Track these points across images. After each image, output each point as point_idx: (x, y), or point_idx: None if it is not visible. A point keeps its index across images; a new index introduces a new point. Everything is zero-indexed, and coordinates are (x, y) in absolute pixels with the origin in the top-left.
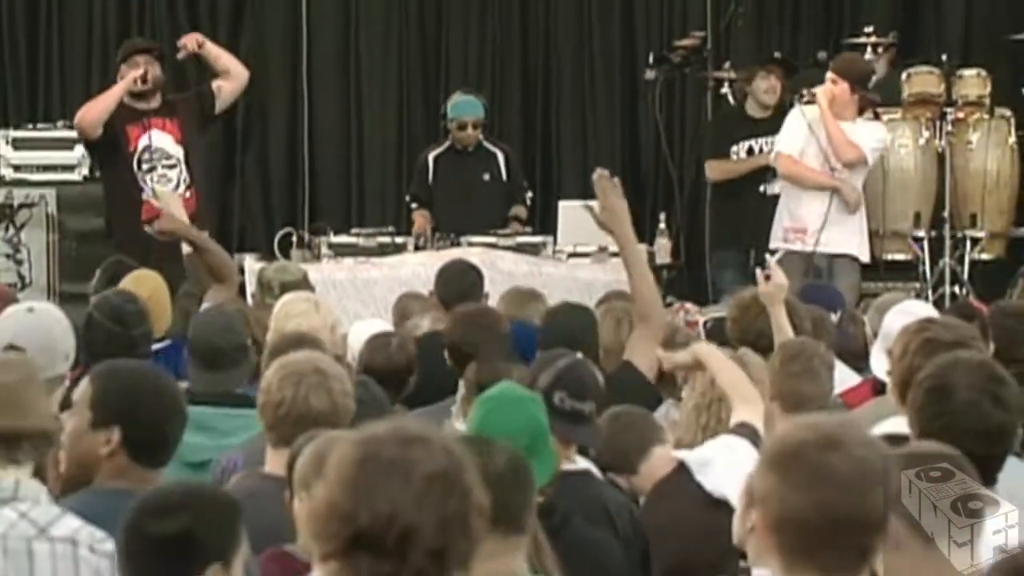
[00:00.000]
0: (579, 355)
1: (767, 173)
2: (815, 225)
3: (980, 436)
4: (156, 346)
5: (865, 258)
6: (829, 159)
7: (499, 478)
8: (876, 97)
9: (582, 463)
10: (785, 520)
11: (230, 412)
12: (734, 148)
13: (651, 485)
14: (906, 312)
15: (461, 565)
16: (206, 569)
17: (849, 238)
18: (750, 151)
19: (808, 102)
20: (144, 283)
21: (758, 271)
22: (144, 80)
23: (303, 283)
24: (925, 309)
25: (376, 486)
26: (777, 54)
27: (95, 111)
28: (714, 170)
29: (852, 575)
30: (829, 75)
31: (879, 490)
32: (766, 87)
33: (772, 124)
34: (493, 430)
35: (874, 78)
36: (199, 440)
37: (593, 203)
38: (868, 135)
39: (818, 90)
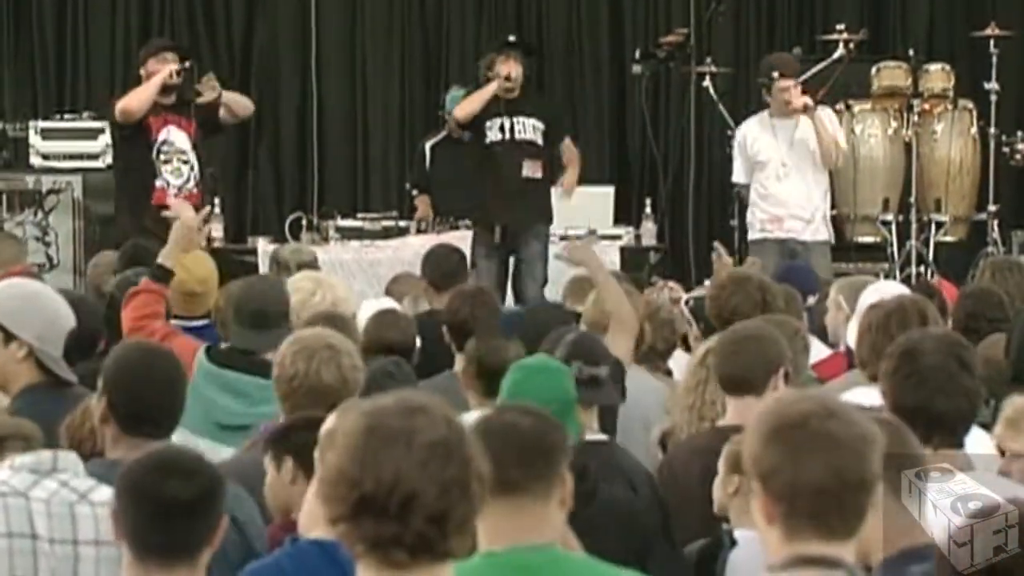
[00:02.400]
0: (583, 327)
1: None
2: (791, 211)
3: (948, 395)
4: (194, 324)
5: (831, 239)
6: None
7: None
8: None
9: (600, 435)
10: (799, 487)
11: (262, 381)
12: (488, 123)
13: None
14: (880, 291)
15: (461, 530)
16: (220, 524)
17: (820, 225)
18: (502, 128)
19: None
20: (201, 264)
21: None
22: (177, 74)
23: (315, 264)
24: (898, 288)
25: (380, 454)
26: (511, 37)
27: (139, 100)
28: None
29: (851, 536)
30: (788, 82)
31: (876, 452)
32: (504, 69)
33: (521, 105)
34: (522, 396)
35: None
36: (233, 405)
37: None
38: (836, 125)
39: (807, 102)
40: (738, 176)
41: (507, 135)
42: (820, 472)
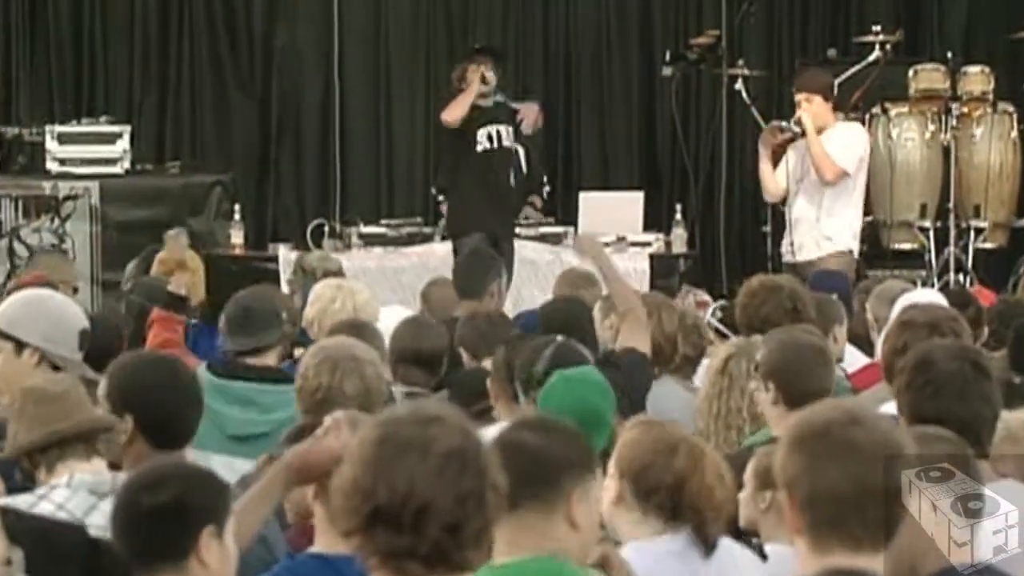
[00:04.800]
0: (559, 337)
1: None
2: (800, 238)
3: (967, 401)
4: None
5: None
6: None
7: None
8: (835, 98)
9: None
10: (818, 495)
11: (270, 388)
12: (479, 132)
13: None
14: (915, 301)
15: (476, 542)
16: (201, 533)
17: (816, 238)
18: (490, 137)
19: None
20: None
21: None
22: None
23: (341, 272)
24: (932, 297)
25: (394, 463)
26: (477, 45)
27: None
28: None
29: (879, 548)
30: (800, 96)
31: (899, 462)
32: (475, 78)
33: (498, 111)
34: (550, 406)
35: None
36: (242, 414)
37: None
38: (847, 141)
39: (801, 115)
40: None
41: (495, 143)
42: (838, 479)
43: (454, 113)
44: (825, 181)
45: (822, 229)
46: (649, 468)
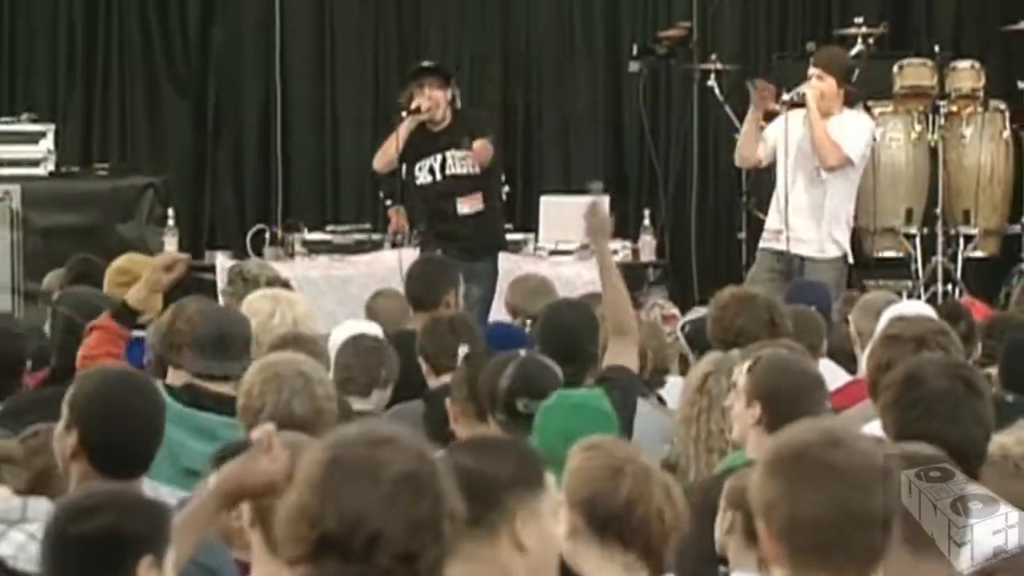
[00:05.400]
0: (523, 352)
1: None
2: (794, 230)
3: (958, 421)
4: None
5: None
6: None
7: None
8: (857, 91)
9: None
10: (797, 521)
11: (233, 422)
12: (418, 165)
13: None
14: (902, 313)
15: (431, 573)
16: (138, 564)
17: (827, 240)
18: (431, 170)
19: (795, 104)
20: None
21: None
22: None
23: (284, 282)
24: (921, 309)
25: (343, 488)
26: (426, 63)
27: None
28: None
29: None
30: (814, 71)
31: (884, 485)
32: (422, 100)
33: (453, 135)
34: (544, 432)
35: (856, 71)
36: (202, 447)
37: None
38: (856, 129)
39: (806, 89)
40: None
41: (438, 175)
42: (820, 504)
43: (380, 162)
44: (827, 166)
45: (829, 229)
46: (596, 496)
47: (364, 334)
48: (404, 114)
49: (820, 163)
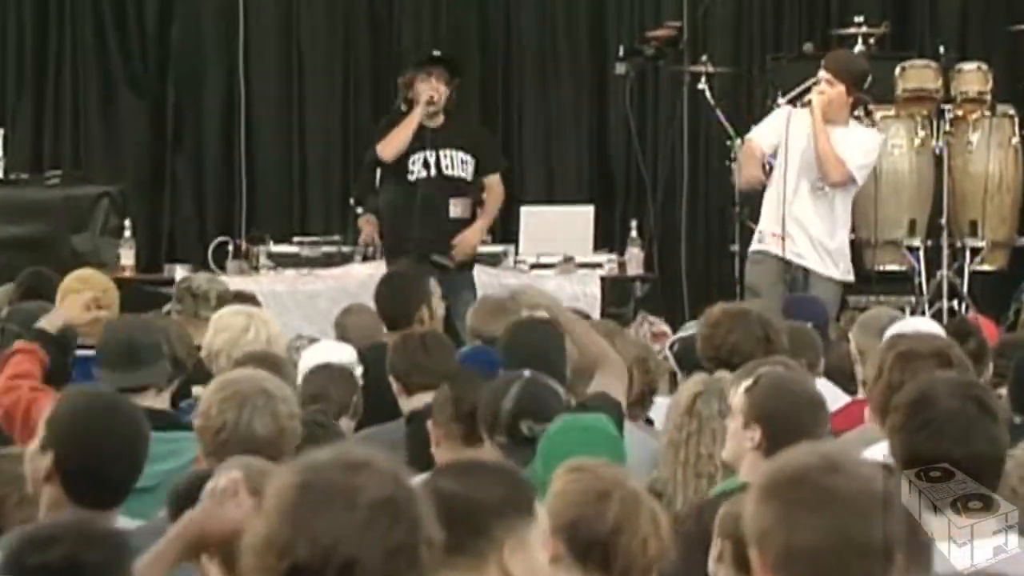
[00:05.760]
0: (527, 373)
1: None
2: (798, 243)
3: (970, 443)
4: (85, 353)
5: (848, 278)
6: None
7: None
8: (867, 97)
9: None
10: (793, 550)
11: (156, 435)
12: (412, 158)
13: None
14: (907, 331)
15: None
16: None
17: (830, 259)
18: (426, 163)
19: (798, 102)
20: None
21: None
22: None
23: (238, 296)
24: (928, 326)
25: (316, 514)
26: (436, 52)
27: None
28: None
29: None
30: (824, 75)
31: (885, 513)
32: (428, 89)
33: (447, 135)
34: (550, 457)
35: (869, 77)
36: None
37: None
38: (864, 147)
39: (814, 97)
40: (758, 135)
41: (433, 171)
42: (818, 532)
43: (391, 148)
44: (829, 182)
45: (839, 249)
46: (580, 521)
47: (332, 364)
48: (403, 104)
49: (822, 177)
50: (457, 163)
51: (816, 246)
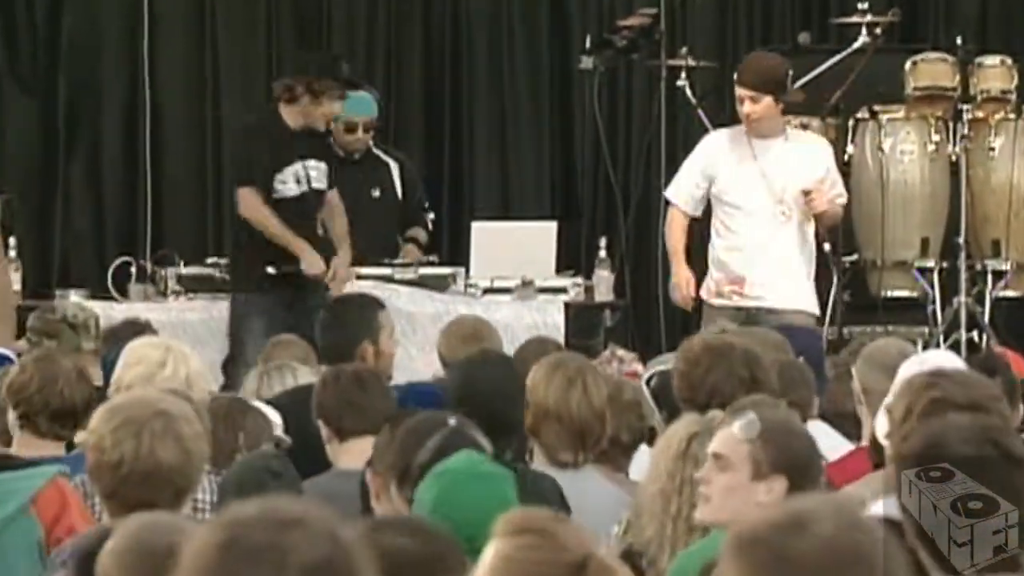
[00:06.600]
0: (452, 421)
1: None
2: (757, 277)
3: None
4: None
5: (817, 311)
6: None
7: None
8: (798, 97)
9: None
10: None
11: None
12: (278, 176)
13: None
14: (925, 367)
15: None
16: None
17: (799, 290)
18: (297, 178)
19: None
20: None
21: None
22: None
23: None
24: (949, 360)
25: None
26: (346, 72)
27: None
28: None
29: None
30: (744, 92)
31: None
32: (325, 117)
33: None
34: (452, 510)
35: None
36: None
37: None
38: (823, 163)
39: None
40: (675, 194)
41: (304, 185)
42: None
43: (253, 215)
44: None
45: (803, 273)
46: None
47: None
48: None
49: (826, 227)
50: (322, 175)
51: (780, 275)
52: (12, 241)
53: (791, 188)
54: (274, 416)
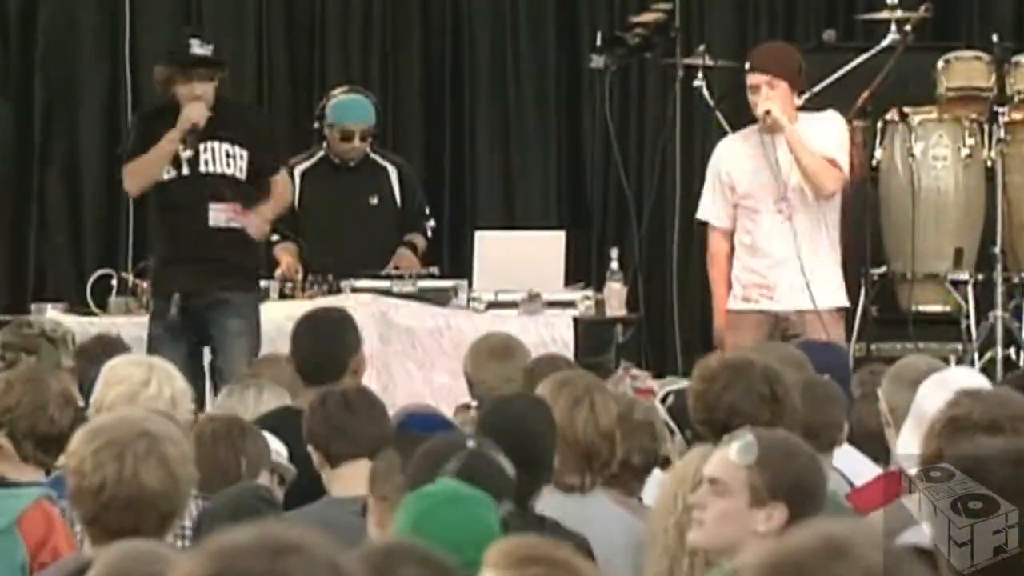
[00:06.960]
0: (470, 443)
1: None
2: (784, 279)
3: None
4: None
5: (847, 302)
6: (784, 189)
7: None
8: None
9: None
10: None
11: None
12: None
13: None
14: (946, 384)
15: None
16: None
17: (825, 287)
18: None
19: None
20: None
21: None
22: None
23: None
24: (972, 379)
25: None
26: (199, 49)
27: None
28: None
29: None
30: (760, 78)
31: None
32: (188, 96)
33: (209, 124)
34: (430, 535)
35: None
36: None
37: None
38: (836, 136)
39: (772, 109)
40: (706, 213)
41: (188, 168)
42: None
43: (137, 181)
44: (827, 193)
45: (826, 269)
46: None
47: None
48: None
49: (814, 194)
50: (221, 157)
51: (809, 274)
52: None
53: (794, 176)
54: (277, 445)
